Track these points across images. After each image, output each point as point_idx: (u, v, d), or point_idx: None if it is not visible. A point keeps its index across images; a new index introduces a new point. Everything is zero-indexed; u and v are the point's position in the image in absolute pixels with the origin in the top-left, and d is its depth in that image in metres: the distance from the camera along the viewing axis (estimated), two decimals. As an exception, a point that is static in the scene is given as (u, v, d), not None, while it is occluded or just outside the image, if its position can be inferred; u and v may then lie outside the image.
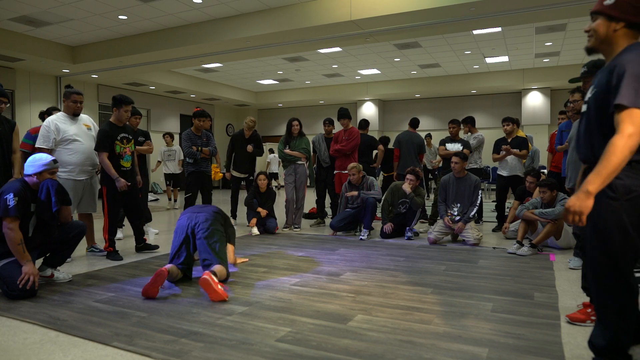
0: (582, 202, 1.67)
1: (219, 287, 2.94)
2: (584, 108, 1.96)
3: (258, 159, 6.82)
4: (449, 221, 5.04)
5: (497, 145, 6.01)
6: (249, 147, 6.32)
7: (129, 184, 4.29)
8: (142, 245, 4.66)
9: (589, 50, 1.90)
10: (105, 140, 4.19)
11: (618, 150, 1.63)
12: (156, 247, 4.73)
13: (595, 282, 1.85)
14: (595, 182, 1.66)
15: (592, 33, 1.87)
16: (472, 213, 4.99)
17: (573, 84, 2.70)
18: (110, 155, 4.22)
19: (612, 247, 1.76)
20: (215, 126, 15.63)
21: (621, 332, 1.80)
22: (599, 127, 1.81)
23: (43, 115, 5.17)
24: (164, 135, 9.28)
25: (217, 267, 3.18)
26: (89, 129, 4.34)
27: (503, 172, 5.97)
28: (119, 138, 4.28)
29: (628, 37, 1.81)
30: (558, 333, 2.36)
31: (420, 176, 5.35)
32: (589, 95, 1.90)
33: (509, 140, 5.92)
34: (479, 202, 5.08)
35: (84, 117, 4.36)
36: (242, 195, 6.56)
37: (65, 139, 4.11)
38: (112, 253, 4.30)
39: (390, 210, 5.48)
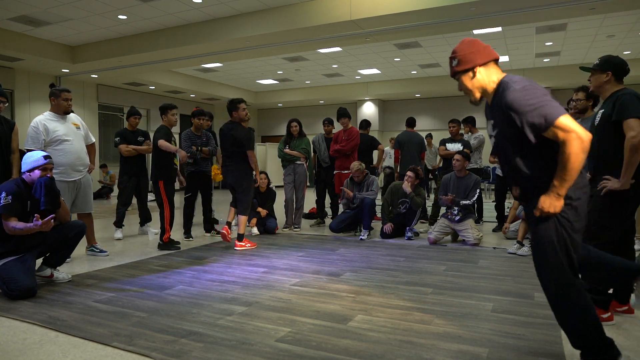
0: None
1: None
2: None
3: (258, 157, 6.75)
4: (449, 212, 5.09)
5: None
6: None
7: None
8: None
9: (475, 103, 1.99)
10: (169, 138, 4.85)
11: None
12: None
13: (547, 289, 1.90)
14: None
15: (465, 91, 1.98)
16: (464, 202, 5.00)
17: (583, 70, 2.77)
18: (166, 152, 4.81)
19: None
20: (215, 126, 15.57)
21: (587, 331, 1.84)
22: None
23: None
24: None
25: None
26: (78, 128, 4.23)
27: (501, 173, 5.98)
28: (172, 140, 4.87)
29: (490, 69, 1.91)
30: (558, 333, 2.35)
31: (420, 174, 5.35)
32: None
33: None
34: (475, 197, 5.06)
35: (72, 116, 4.24)
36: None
37: (54, 139, 3.99)
38: (171, 242, 4.81)
39: (390, 210, 5.47)
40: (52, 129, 4.00)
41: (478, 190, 5.14)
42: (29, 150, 3.87)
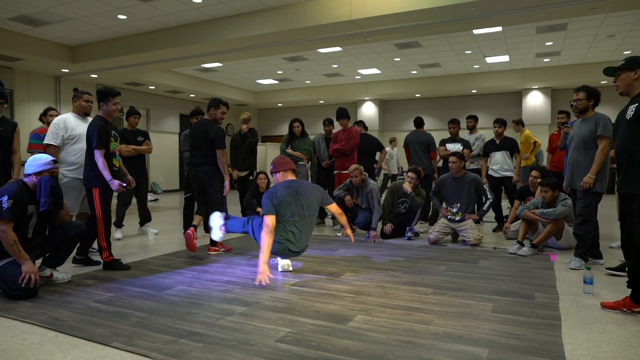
0: None
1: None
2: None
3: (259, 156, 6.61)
4: (448, 212, 5.09)
5: (485, 148, 6.11)
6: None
7: (124, 185, 3.84)
8: (83, 257, 4.03)
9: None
10: (102, 137, 3.75)
11: None
12: (98, 263, 4.01)
13: None
14: None
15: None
16: (486, 206, 5.03)
17: (606, 74, 2.84)
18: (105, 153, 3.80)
19: None
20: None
21: None
22: None
23: (42, 117, 5.18)
24: None
25: None
26: None
27: (494, 174, 6.00)
28: (112, 135, 3.90)
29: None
30: (559, 333, 2.35)
31: (421, 175, 5.34)
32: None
33: (498, 142, 6.00)
34: (490, 196, 5.07)
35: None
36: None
37: (71, 137, 4.15)
38: (115, 262, 3.87)
39: (391, 210, 5.47)
40: (70, 127, 4.15)
41: (485, 187, 5.15)
42: (48, 145, 4.05)
